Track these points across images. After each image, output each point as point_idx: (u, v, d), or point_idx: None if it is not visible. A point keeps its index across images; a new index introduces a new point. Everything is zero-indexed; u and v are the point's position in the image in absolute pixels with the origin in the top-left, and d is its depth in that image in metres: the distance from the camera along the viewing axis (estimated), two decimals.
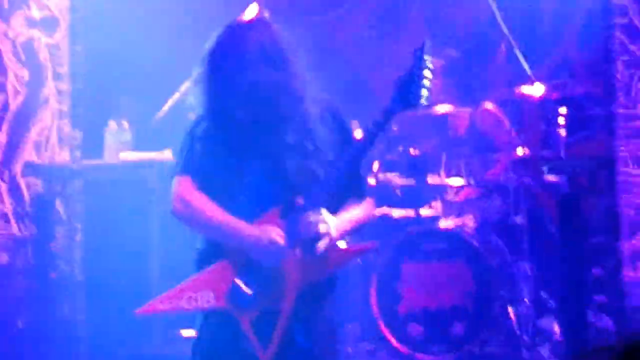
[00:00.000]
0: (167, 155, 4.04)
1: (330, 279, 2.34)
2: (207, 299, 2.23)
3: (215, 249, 2.28)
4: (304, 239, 2.21)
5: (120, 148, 4.08)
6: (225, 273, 2.24)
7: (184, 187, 2.29)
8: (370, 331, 4.08)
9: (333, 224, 2.23)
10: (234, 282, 2.24)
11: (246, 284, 2.23)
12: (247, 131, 2.27)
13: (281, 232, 2.22)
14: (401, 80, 2.18)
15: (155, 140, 4.12)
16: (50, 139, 4.09)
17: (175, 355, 3.91)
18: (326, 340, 2.33)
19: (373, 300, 4.02)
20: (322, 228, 2.19)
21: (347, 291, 4.08)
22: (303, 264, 2.23)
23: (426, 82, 2.14)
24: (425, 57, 2.15)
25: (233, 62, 2.21)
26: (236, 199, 2.29)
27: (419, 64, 2.14)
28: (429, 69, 2.14)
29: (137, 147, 4.13)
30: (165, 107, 4.05)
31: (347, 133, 2.40)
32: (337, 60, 4.68)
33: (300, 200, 2.23)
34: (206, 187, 2.30)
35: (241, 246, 2.23)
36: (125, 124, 4.11)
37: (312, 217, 2.20)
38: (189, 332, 3.69)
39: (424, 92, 2.14)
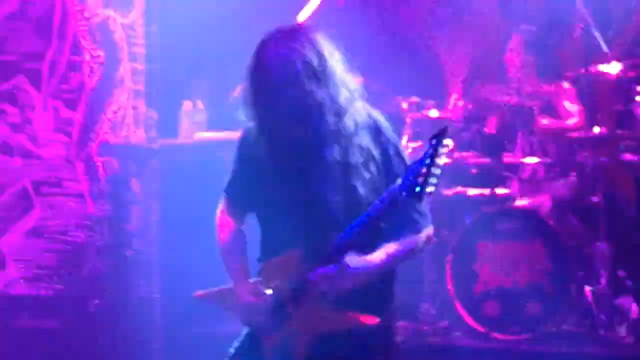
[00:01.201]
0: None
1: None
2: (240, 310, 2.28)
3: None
4: (293, 294, 2.15)
5: (195, 128, 4.11)
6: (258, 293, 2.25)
7: (221, 209, 2.37)
8: (446, 310, 4.09)
9: (344, 276, 2.08)
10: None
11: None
12: (287, 151, 2.17)
13: (259, 295, 2.18)
14: (411, 169, 2.00)
15: (230, 120, 4.13)
16: (126, 118, 4.13)
17: None
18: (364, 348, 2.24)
19: (448, 279, 4.03)
20: (322, 285, 2.08)
21: (422, 271, 4.08)
22: (306, 317, 2.17)
23: (433, 179, 1.96)
24: (440, 148, 1.96)
25: (274, 78, 2.07)
26: (271, 223, 2.26)
27: (432, 155, 1.96)
28: (440, 163, 1.97)
29: (211, 127, 4.15)
30: (240, 87, 4.05)
31: (394, 156, 2.22)
32: (406, 40, 4.65)
33: (332, 238, 2.11)
34: (242, 207, 2.32)
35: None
36: (200, 104, 4.13)
37: (319, 277, 2.09)
38: None
39: (430, 188, 1.96)
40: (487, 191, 4.15)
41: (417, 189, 1.96)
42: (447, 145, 1.98)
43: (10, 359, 4.03)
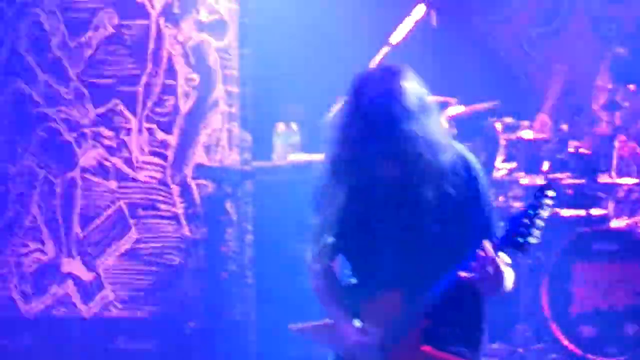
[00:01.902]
0: None
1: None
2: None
3: None
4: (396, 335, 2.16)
5: (289, 150, 4.13)
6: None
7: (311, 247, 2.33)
8: (542, 332, 4.06)
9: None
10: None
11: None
12: (383, 191, 2.18)
13: (364, 334, 2.18)
14: (514, 218, 2.05)
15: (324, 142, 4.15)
16: (220, 141, 4.15)
17: None
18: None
19: (544, 300, 4.01)
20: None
21: (517, 292, 4.08)
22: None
23: (536, 232, 2.00)
24: (546, 200, 2.00)
25: (373, 121, 2.09)
26: (363, 262, 2.25)
27: (536, 207, 2.01)
28: (544, 216, 1.99)
29: (305, 149, 4.17)
30: (333, 109, 4.07)
31: (484, 196, 2.22)
32: (500, 60, 4.66)
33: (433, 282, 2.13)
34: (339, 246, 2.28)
35: None
36: (294, 126, 4.15)
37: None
38: None
39: (532, 240, 2.01)
40: (582, 212, 4.11)
41: (521, 239, 2.01)
42: (552, 198, 2.01)
43: None
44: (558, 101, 4.53)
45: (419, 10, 4.03)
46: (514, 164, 4.08)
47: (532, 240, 2.02)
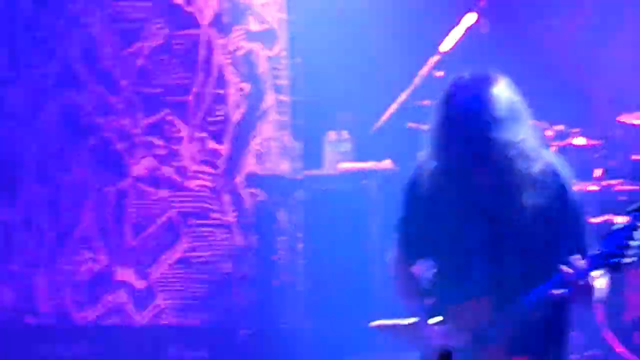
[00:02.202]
0: (386, 165, 4.10)
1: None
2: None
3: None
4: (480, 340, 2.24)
5: (339, 158, 4.16)
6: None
7: (394, 252, 2.39)
8: (595, 339, 4.05)
9: None
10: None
11: None
12: (478, 195, 2.21)
13: (449, 337, 2.23)
14: (610, 237, 2.05)
15: (374, 150, 4.18)
16: (271, 150, 4.19)
17: None
18: None
19: (598, 308, 3.99)
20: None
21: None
22: None
23: (631, 252, 2.00)
24: None
25: (468, 128, 2.14)
26: (452, 265, 2.28)
27: (635, 227, 2.03)
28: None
29: (356, 157, 4.20)
30: (384, 118, 4.10)
31: (576, 206, 2.27)
32: (551, 67, 4.68)
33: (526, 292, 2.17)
34: (418, 249, 2.34)
35: None
36: (345, 134, 4.18)
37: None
38: None
39: (627, 260, 1.99)
40: None
41: (614, 260, 2.01)
42: None
43: None
44: (609, 106, 4.54)
45: (470, 18, 4.05)
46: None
47: (626, 260, 2.01)
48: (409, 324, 2.35)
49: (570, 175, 2.26)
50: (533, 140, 2.18)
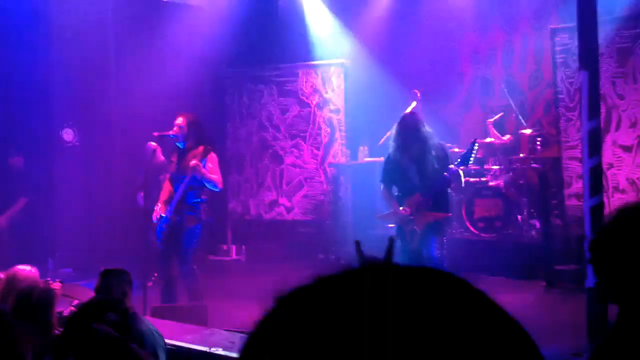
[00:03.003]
0: (381, 159, 10.10)
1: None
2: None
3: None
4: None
5: (364, 156, 10.27)
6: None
7: (382, 187, 6.37)
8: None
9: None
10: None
11: None
12: (408, 159, 6.08)
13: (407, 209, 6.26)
14: (463, 155, 6.23)
15: (382, 151, 10.14)
16: (338, 152, 10.43)
17: None
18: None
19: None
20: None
21: None
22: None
23: (470, 160, 6.31)
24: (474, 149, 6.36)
25: (405, 136, 6.07)
26: (402, 187, 6.08)
27: (471, 150, 6.24)
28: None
29: (370, 155, 10.25)
30: (384, 138, 9.99)
31: (446, 162, 6.02)
32: None
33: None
34: (390, 184, 6.17)
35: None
36: (365, 149, 10.27)
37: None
38: None
39: (468, 163, 6.27)
40: None
41: (465, 163, 6.21)
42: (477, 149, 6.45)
43: None
44: None
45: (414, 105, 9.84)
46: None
47: (469, 163, 6.30)
48: (392, 212, 6.09)
49: (444, 145, 6.30)
50: (430, 135, 5.91)
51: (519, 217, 8.94)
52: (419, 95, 9.65)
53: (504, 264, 8.38)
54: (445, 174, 5.81)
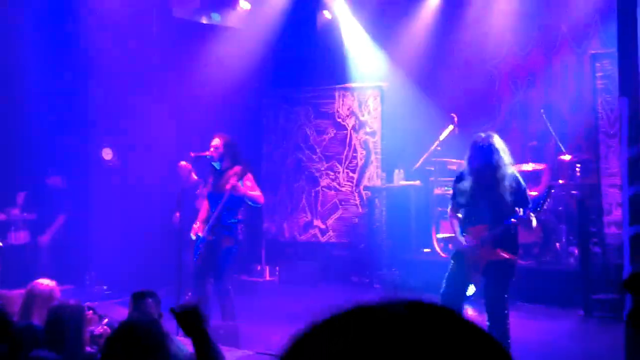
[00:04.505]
0: (416, 182, 10.01)
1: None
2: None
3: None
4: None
5: (400, 179, 10.20)
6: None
7: (449, 210, 5.62)
8: None
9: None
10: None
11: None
12: (477, 186, 5.28)
13: (469, 239, 5.30)
14: (535, 199, 5.33)
15: (418, 176, 10.07)
16: (373, 175, 10.39)
17: None
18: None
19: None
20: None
21: None
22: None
23: (543, 206, 5.36)
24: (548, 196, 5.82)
25: (476, 159, 5.33)
26: (469, 213, 5.43)
27: (545, 195, 5.40)
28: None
29: (405, 179, 10.20)
30: (419, 162, 9.90)
31: (520, 196, 5.20)
32: None
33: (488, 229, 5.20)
34: (456, 208, 5.49)
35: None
36: (401, 172, 10.22)
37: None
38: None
39: (540, 210, 5.31)
40: None
41: (538, 210, 5.11)
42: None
43: None
44: None
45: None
46: None
47: (540, 210, 5.09)
48: (454, 237, 5.40)
49: (519, 177, 5.30)
50: (505, 163, 5.20)
51: (557, 244, 8.76)
52: (456, 119, 9.60)
53: (542, 292, 8.22)
54: (518, 210, 5.16)
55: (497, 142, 5.30)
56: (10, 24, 8.98)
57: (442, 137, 9.63)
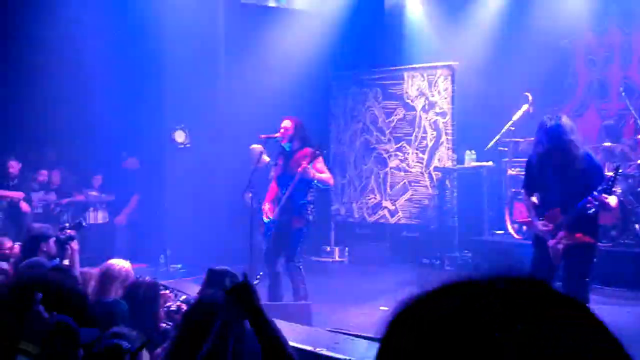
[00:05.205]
0: (489, 164, 9.79)
1: None
2: None
3: None
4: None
5: (471, 160, 10.00)
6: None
7: (523, 193, 5.56)
8: None
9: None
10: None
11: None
12: (549, 169, 5.08)
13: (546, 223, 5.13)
14: (607, 180, 5.03)
15: (489, 156, 9.86)
16: (444, 156, 10.25)
17: None
18: None
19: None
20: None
21: None
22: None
23: (615, 187, 5.27)
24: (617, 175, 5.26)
25: (547, 141, 5.10)
26: (541, 198, 5.31)
27: (615, 175, 5.16)
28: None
29: (477, 160, 9.99)
30: (492, 142, 9.70)
31: (596, 179, 4.92)
32: None
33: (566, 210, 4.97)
34: (530, 191, 5.33)
35: None
36: (472, 152, 10.00)
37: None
38: None
39: (614, 190, 5.38)
40: None
41: (609, 190, 4.84)
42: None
43: None
44: None
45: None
46: None
47: (614, 190, 4.96)
48: (531, 222, 5.31)
49: (593, 157, 5.10)
50: (575, 144, 4.94)
51: (637, 225, 8.46)
52: (530, 98, 9.37)
53: (620, 275, 7.97)
54: (595, 193, 4.94)
55: (566, 122, 5.11)
56: (81, 14, 9.19)
57: (515, 117, 9.42)
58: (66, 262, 5.39)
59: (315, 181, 6.67)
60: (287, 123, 6.93)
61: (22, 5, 9.32)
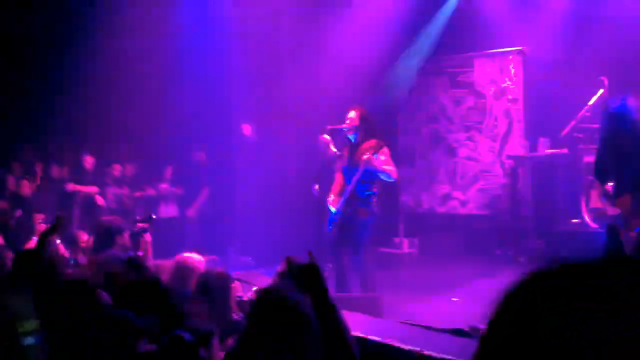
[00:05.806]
0: (563, 150, 9.50)
1: None
2: None
3: None
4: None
5: (546, 148, 9.69)
6: None
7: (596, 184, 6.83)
8: None
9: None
10: None
11: None
12: (618, 154, 5.24)
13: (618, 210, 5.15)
14: None
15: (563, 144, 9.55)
16: (516, 144, 9.95)
17: None
18: None
19: None
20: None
21: None
22: None
23: None
24: None
25: (615, 127, 5.37)
26: (614, 185, 5.36)
27: None
28: None
29: (551, 147, 9.68)
30: (566, 129, 9.38)
31: None
32: None
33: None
34: (603, 179, 5.40)
35: None
36: (547, 140, 9.68)
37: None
38: None
39: None
40: None
41: None
42: None
43: None
44: None
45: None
46: None
47: None
48: (603, 210, 6.09)
49: None
50: None
51: None
52: (606, 83, 8.98)
53: None
54: None
55: (633, 103, 4.97)
56: (159, 15, 9.36)
57: (591, 102, 9.06)
58: (139, 254, 5.47)
59: (379, 173, 6.57)
60: (352, 114, 6.86)
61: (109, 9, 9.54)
